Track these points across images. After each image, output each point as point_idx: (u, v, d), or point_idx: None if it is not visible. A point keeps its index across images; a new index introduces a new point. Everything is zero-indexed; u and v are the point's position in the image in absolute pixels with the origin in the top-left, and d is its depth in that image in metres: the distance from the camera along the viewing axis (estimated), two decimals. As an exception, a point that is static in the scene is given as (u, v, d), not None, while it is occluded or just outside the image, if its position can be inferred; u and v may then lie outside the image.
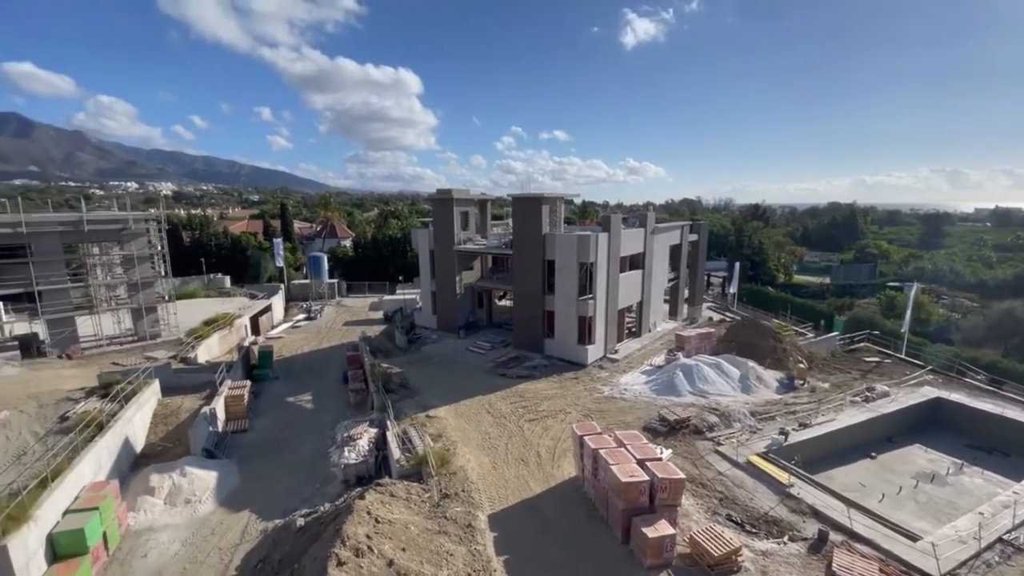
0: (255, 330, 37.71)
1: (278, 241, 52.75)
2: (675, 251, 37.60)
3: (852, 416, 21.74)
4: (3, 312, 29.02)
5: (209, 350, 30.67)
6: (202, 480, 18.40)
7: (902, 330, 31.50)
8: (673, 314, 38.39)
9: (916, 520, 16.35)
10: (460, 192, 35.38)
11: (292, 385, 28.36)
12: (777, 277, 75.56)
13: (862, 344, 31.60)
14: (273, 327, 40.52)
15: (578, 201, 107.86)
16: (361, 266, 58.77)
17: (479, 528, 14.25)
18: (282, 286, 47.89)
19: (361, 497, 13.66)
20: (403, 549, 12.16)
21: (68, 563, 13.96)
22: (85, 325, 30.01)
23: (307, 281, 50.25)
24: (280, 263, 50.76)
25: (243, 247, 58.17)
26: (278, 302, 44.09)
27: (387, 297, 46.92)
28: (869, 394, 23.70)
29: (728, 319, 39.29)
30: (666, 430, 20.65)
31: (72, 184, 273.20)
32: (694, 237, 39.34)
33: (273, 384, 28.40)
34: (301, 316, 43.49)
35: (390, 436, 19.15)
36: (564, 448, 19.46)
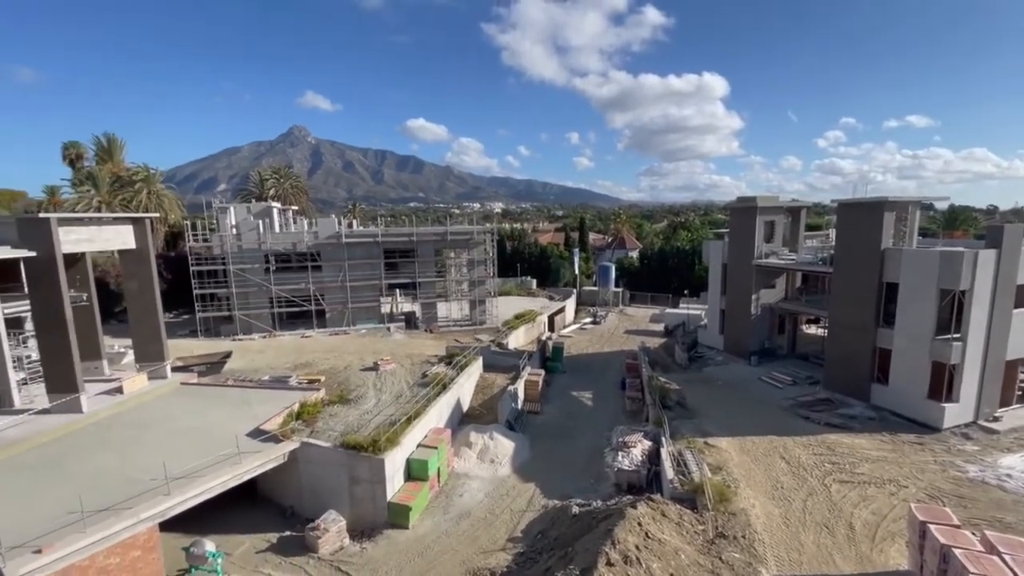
0: (551, 327, 42.77)
1: (575, 251, 58.63)
2: None
3: None
4: (398, 295, 41.76)
5: (516, 339, 36.43)
6: (504, 447, 21.98)
7: None
8: (1124, 381, 24.55)
9: None
10: (766, 199, 31.53)
11: (576, 380, 30.89)
12: None
13: None
14: (564, 326, 45.09)
15: (942, 206, 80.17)
16: (645, 277, 59.33)
17: (761, 586, 12.35)
18: (575, 291, 52.90)
19: (633, 506, 13.74)
20: (671, 574, 11.62)
21: (415, 484, 18.86)
22: (441, 309, 40.19)
23: (595, 288, 53.97)
24: (575, 270, 56.21)
25: (547, 255, 66.73)
26: (570, 305, 48.93)
27: (669, 310, 45.92)
28: None
29: None
30: (1096, 557, 13.34)
31: (441, 205, 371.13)
32: None
33: (561, 377, 31.57)
34: (588, 320, 46.93)
35: (664, 453, 18.61)
36: (892, 531, 14.95)
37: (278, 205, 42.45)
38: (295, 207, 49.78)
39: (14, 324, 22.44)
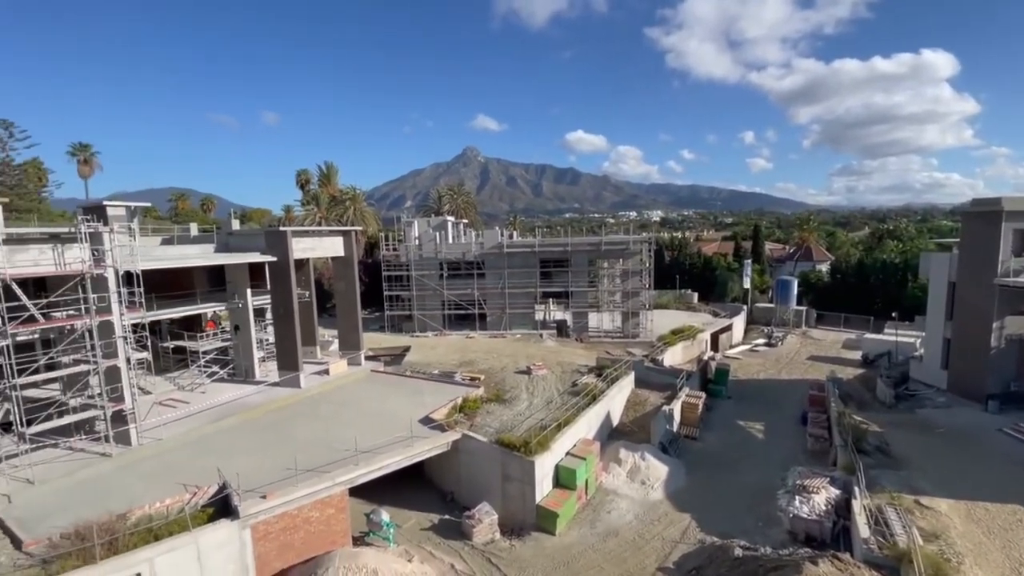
0: (714, 346, 39.26)
1: (747, 262, 52.93)
2: None
3: None
4: (551, 304, 42.75)
5: (673, 356, 34.26)
6: (656, 469, 20.81)
7: None
8: None
9: None
10: (1016, 201, 24.46)
11: (744, 408, 27.78)
12: None
13: None
14: (731, 346, 40.97)
15: None
16: (838, 294, 50.61)
17: None
18: (745, 307, 47.73)
19: (814, 562, 11.79)
20: (862, 654, 9.64)
21: (563, 491, 18.94)
22: (592, 319, 40.00)
23: (771, 305, 47.94)
24: (747, 284, 50.69)
25: (713, 267, 61.52)
26: (739, 323, 44.29)
27: (869, 335, 38.43)
28: None
29: None
30: None
31: (596, 215, 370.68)
32: None
33: (725, 403, 28.72)
34: (760, 340, 41.89)
35: (857, 506, 15.59)
36: None
37: (452, 219, 47.09)
38: (465, 220, 54.71)
39: (258, 314, 28.75)
